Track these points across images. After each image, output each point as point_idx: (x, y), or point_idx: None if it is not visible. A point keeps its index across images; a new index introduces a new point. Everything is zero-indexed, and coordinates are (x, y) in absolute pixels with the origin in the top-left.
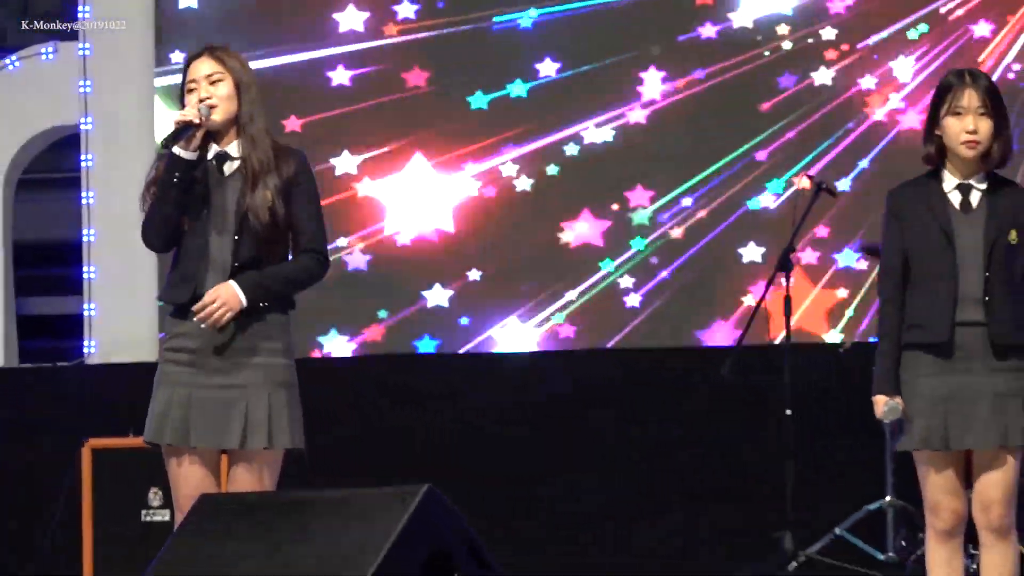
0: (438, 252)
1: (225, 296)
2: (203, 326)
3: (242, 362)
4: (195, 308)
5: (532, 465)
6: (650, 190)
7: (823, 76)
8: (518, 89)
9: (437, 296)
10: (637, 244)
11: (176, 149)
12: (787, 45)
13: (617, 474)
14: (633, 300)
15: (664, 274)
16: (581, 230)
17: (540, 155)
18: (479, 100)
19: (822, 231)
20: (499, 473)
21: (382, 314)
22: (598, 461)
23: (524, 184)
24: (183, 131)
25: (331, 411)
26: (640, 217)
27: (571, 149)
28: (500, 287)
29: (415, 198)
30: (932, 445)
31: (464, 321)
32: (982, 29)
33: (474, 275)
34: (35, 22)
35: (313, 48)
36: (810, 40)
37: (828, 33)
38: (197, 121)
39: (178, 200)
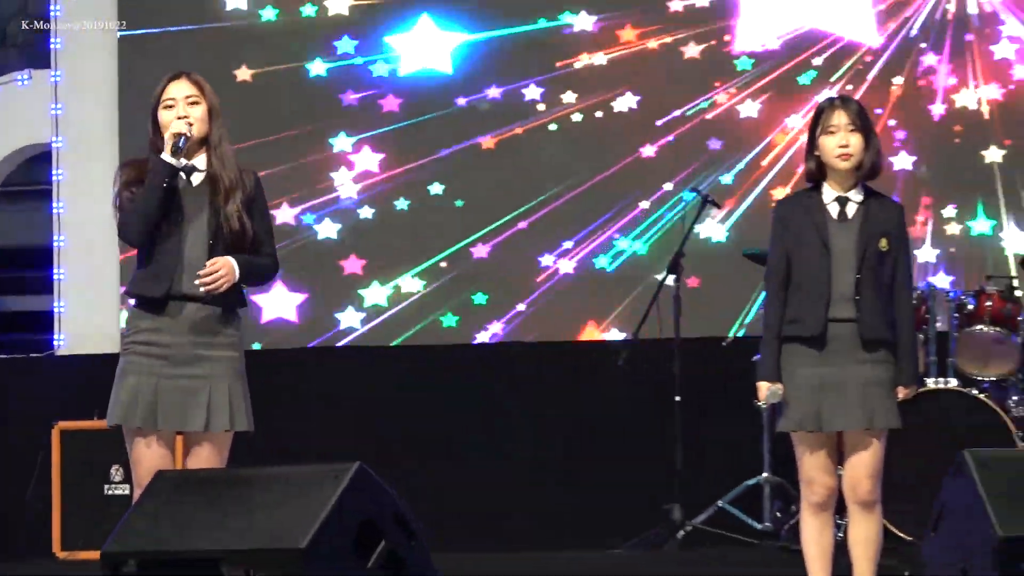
0: None
1: (227, 268)
2: (203, 290)
3: (204, 355)
4: (201, 273)
5: (449, 448)
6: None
7: None
8: None
9: None
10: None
11: (166, 157)
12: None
13: (529, 454)
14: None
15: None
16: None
17: None
18: None
19: None
20: (422, 458)
21: None
22: (515, 443)
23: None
24: (180, 142)
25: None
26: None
27: None
28: None
29: None
30: (807, 427)
31: None
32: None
33: None
34: (34, 22)
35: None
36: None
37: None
38: (187, 134)
39: (162, 202)
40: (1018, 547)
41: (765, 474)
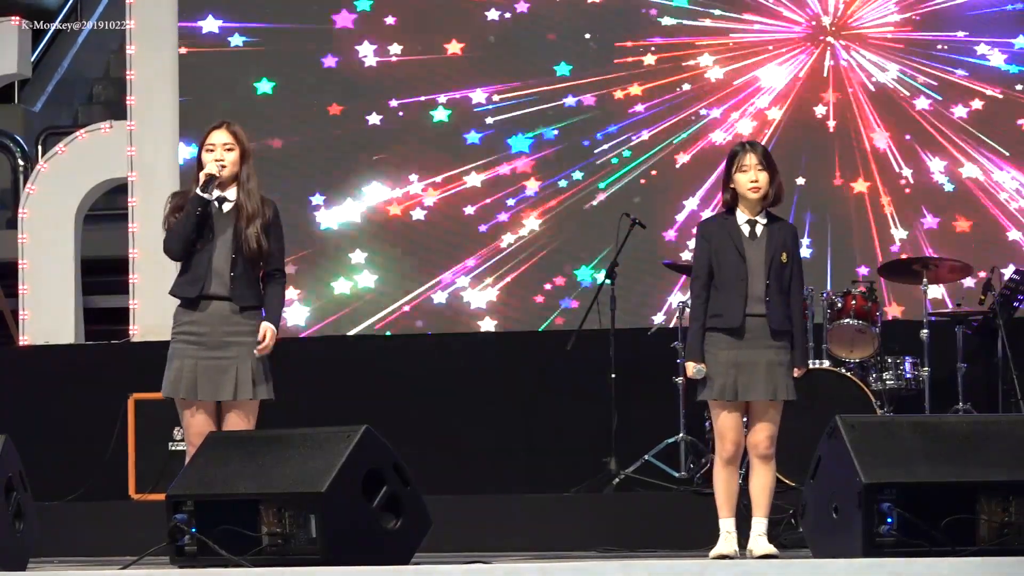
0: None
1: (271, 332)
2: (257, 353)
3: (232, 341)
4: (260, 348)
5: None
6: None
7: None
8: None
9: None
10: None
11: (198, 191)
12: None
13: (498, 418)
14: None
15: None
16: None
17: None
18: None
19: None
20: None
21: None
22: (487, 409)
23: None
24: (210, 181)
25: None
26: None
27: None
28: None
29: None
30: (726, 396)
31: None
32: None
33: None
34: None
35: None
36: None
37: None
38: (217, 175)
39: (196, 225)
40: (876, 490)
41: (681, 434)
